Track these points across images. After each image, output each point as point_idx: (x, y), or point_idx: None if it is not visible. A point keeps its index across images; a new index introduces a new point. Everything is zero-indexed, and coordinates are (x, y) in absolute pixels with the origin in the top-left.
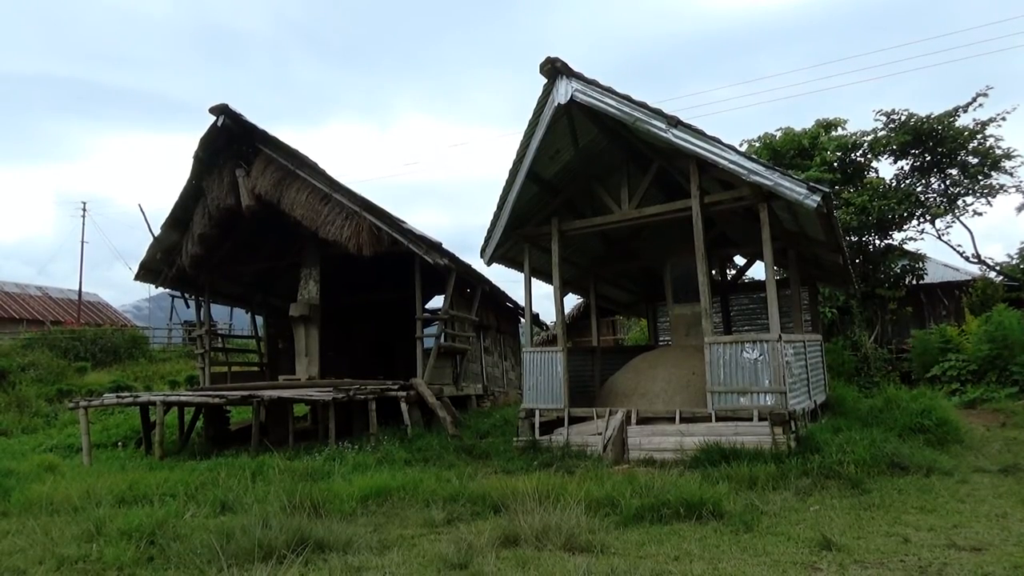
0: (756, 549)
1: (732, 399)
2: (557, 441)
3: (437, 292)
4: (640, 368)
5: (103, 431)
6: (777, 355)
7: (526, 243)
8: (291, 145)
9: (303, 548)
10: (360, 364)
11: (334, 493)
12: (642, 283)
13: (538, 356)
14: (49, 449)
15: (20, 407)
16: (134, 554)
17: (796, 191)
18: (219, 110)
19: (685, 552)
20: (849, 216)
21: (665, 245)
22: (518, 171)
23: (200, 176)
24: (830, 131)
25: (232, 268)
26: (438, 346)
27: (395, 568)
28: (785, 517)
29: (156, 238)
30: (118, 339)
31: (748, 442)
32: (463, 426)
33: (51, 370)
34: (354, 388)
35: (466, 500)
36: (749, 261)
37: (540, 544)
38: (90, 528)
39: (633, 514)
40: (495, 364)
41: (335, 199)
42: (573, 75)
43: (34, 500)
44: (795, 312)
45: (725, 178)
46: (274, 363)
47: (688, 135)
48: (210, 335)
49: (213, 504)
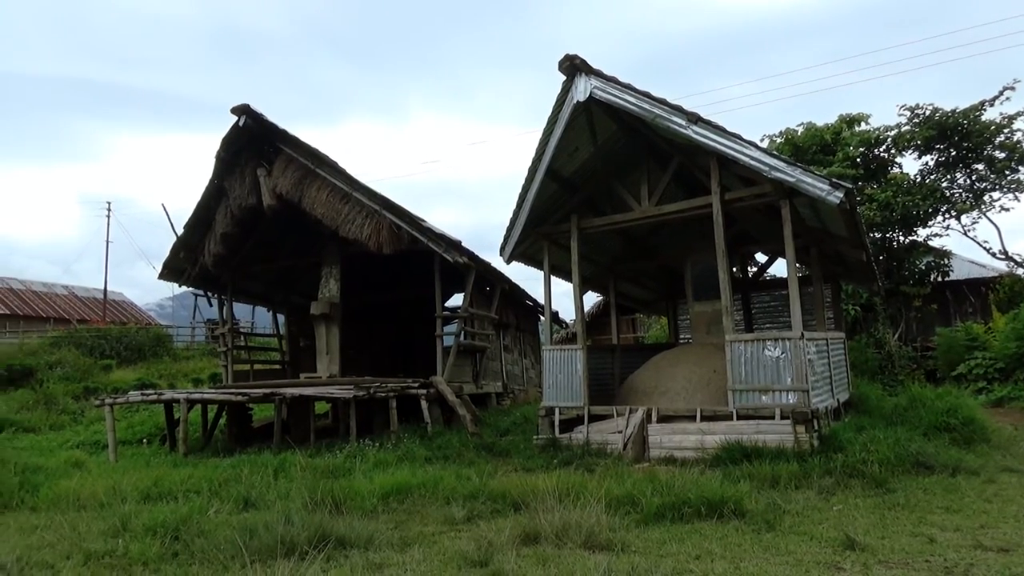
0: (778, 548)
1: (754, 397)
2: (577, 439)
3: (457, 290)
4: (660, 366)
5: (128, 428)
6: (799, 353)
7: (545, 241)
8: (311, 144)
9: (325, 545)
10: (380, 362)
11: (355, 490)
12: (662, 281)
13: (558, 354)
14: (76, 446)
15: (48, 404)
16: (159, 550)
17: (818, 187)
18: (240, 110)
19: (706, 551)
20: (872, 212)
21: (685, 242)
22: (537, 169)
23: (222, 176)
24: (853, 126)
25: (254, 267)
26: (458, 344)
27: (416, 565)
28: (808, 516)
29: (179, 237)
30: (142, 337)
31: (770, 441)
32: (483, 424)
33: (77, 368)
34: (375, 386)
35: (486, 498)
36: (771, 258)
37: (560, 542)
38: (116, 524)
39: (654, 512)
40: (515, 362)
41: (355, 198)
42: (592, 72)
43: (62, 496)
44: (817, 310)
45: (746, 175)
46: (296, 361)
47: (708, 131)
48: (233, 333)
49: (236, 501)
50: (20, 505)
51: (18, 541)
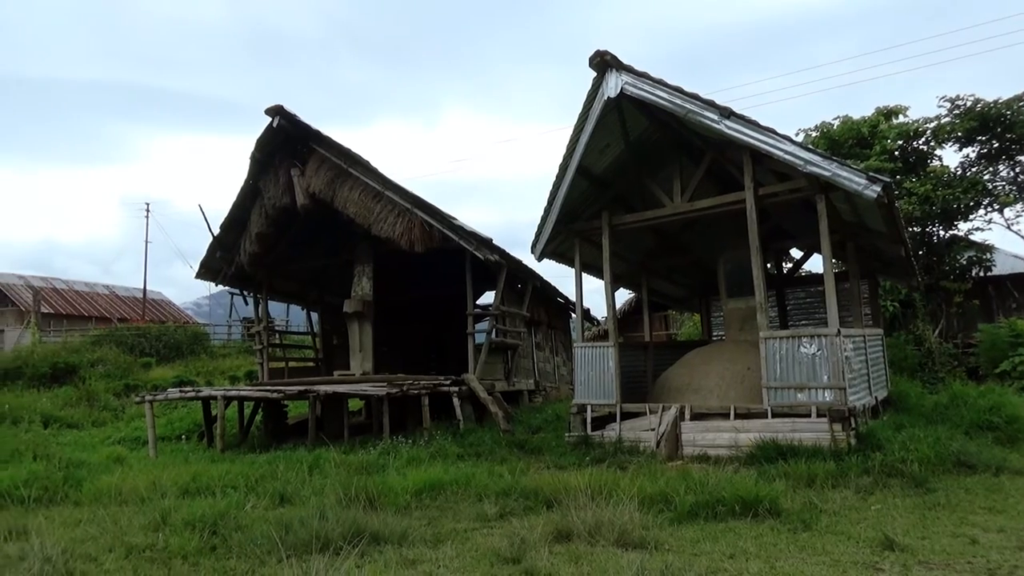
0: (815, 548)
1: (789, 395)
2: (609, 437)
3: (488, 288)
4: (693, 363)
5: (167, 424)
6: (836, 350)
7: (576, 238)
8: (343, 144)
9: (359, 540)
10: (413, 360)
11: (388, 487)
12: (695, 277)
13: (589, 351)
14: (117, 441)
15: (90, 401)
16: (198, 543)
17: (855, 181)
18: (274, 111)
19: (741, 550)
20: (911, 206)
21: (718, 238)
22: (568, 166)
23: (256, 176)
24: (891, 119)
25: (288, 266)
26: (489, 342)
27: (449, 561)
28: (845, 516)
29: (215, 237)
30: (181, 336)
31: (806, 439)
32: (515, 421)
33: (118, 366)
34: (407, 383)
35: (518, 495)
36: (806, 254)
37: (593, 540)
38: (156, 518)
39: (687, 511)
40: (546, 359)
41: (387, 196)
42: (623, 68)
43: (104, 490)
44: (854, 306)
45: (780, 169)
46: (329, 359)
47: (741, 126)
48: (268, 332)
49: (272, 496)
50: (64, 499)
51: (63, 534)
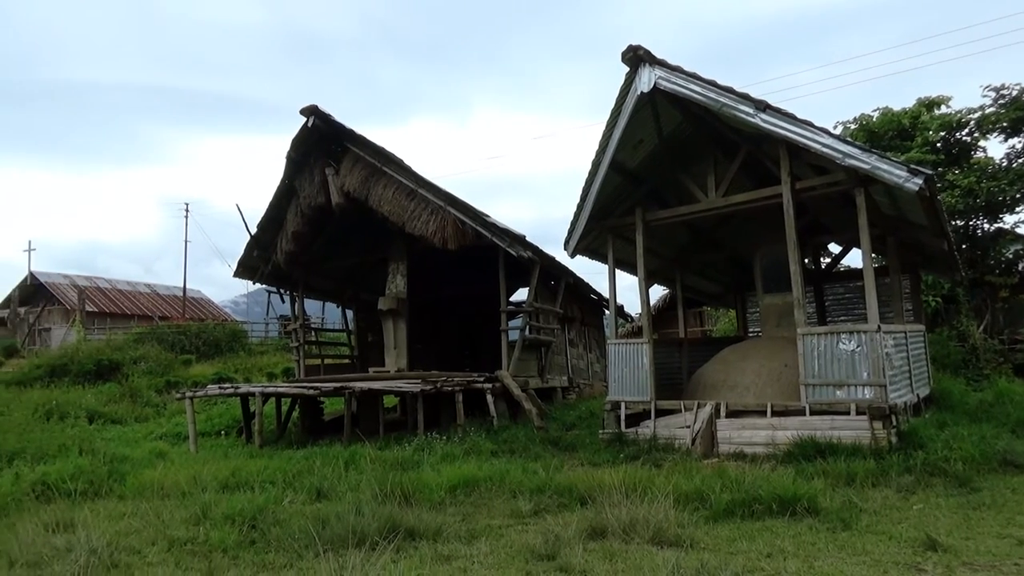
0: (855, 548)
1: (828, 392)
2: (643, 434)
3: (521, 285)
4: (729, 360)
5: (207, 420)
6: (876, 346)
7: (610, 234)
8: (377, 143)
9: (394, 535)
10: (447, 356)
11: (423, 483)
12: (730, 273)
13: (623, 348)
14: (159, 437)
15: (133, 397)
16: (237, 537)
17: (895, 174)
18: (309, 111)
19: (778, 549)
20: (954, 199)
21: (754, 233)
22: (600, 162)
23: (292, 176)
24: (932, 110)
25: (323, 264)
26: (523, 338)
27: (483, 557)
28: (886, 515)
29: (252, 236)
30: (219, 333)
31: (845, 437)
32: (549, 418)
33: (160, 362)
34: (441, 380)
35: (552, 492)
36: (845, 248)
37: (627, 537)
38: (197, 512)
39: (723, 509)
40: (580, 356)
41: (420, 195)
42: (656, 62)
43: (146, 485)
44: (895, 301)
45: (818, 163)
46: (364, 356)
47: (777, 119)
48: (304, 329)
49: (309, 491)
50: (109, 493)
51: (107, 527)
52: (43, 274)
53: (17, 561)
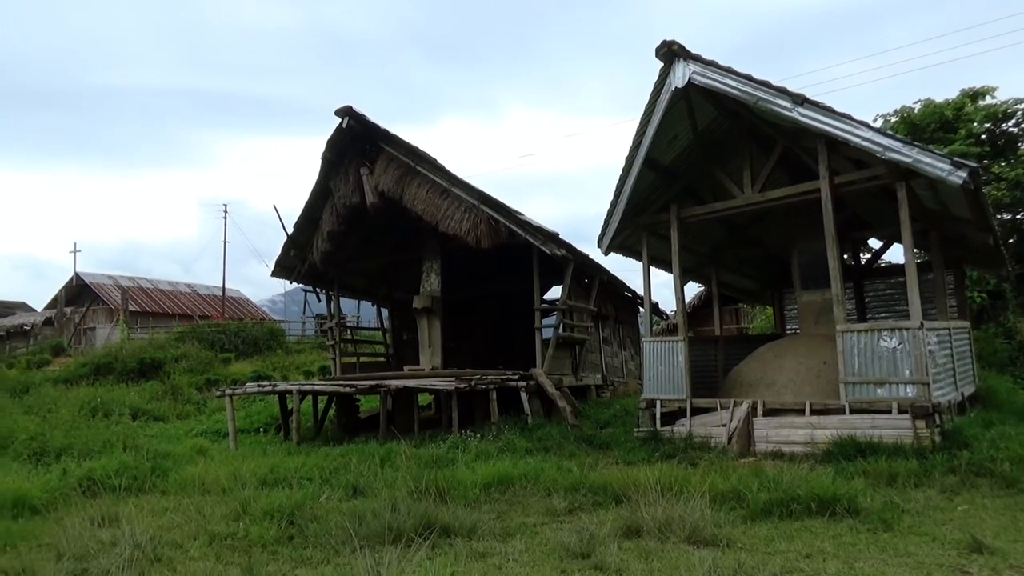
0: (897, 549)
1: (868, 390)
2: (679, 432)
3: (555, 282)
4: (766, 358)
5: (246, 417)
6: (919, 344)
7: (644, 231)
8: (411, 142)
9: (430, 532)
10: (480, 354)
11: (458, 480)
12: (767, 270)
13: (658, 346)
14: (200, 434)
15: (174, 395)
16: (276, 533)
17: (938, 167)
18: (344, 112)
19: (817, 549)
20: (1000, 192)
21: (791, 229)
22: (634, 158)
23: (327, 176)
24: (977, 100)
25: (358, 263)
26: (556, 336)
27: (518, 555)
28: (929, 516)
29: (289, 236)
30: (258, 332)
31: (886, 436)
32: (583, 416)
33: (200, 361)
34: (475, 378)
35: (587, 490)
36: (886, 244)
37: (663, 536)
38: (237, 508)
39: (760, 508)
40: (614, 354)
41: (454, 193)
42: (690, 57)
43: (188, 481)
44: (938, 297)
45: (857, 156)
46: (399, 354)
47: (816, 113)
48: (340, 327)
49: (346, 488)
50: (152, 488)
51: (151, 522)
52: (88, 275)
53: (65, 554)
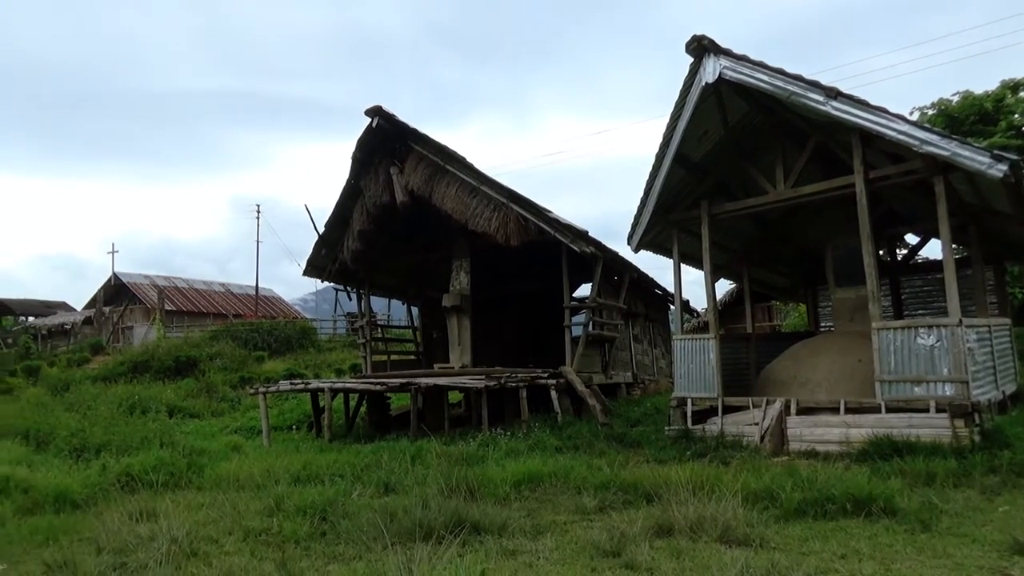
0: (935, 550)
1: (905, 389)
2: (711, 431)
3: (584, 280)
4: (800, 355)
5: (279, 415)
6: (957, 341)
7: (674, 228)
8: (439, 141)
9: (460, 530)
10: (510, 352)
11: (488, 478)
12: (800, 266)
13: (689, 343)
14: (234, 431)
15: (209, 392)
16: (309, 529)
17: (978, 161)
18: (374, 112)
19: (853, 550)
20: None
21: (825, 225)
22: (664, 155)
23: (358, 176)
24: (1018, 92)
25: (389, 262)
26: (586, 334)
27: (549, 553)
28: (969, 517)
29: (320, 236)
30: (290, 330)
31: (924, 435)
32: (613, 414)
33: (234, 359)
34: (505, 376)
35: (617, 488)
36: (923, 239)
37: (695, 535)
38: (271, 504)
39: (794, 508)
40: (644, 352)
41: (483, 191)
42: (721, 52)
43: (223, 477)
44: (978, 294)
45: (893, 150)
46: (429, 352)
47: (849, 107)
48: (370, 326)
49: (377, 485)
50: (188, 484)
51: (187, 517)
52: (125, 275)
53: (105, 548)
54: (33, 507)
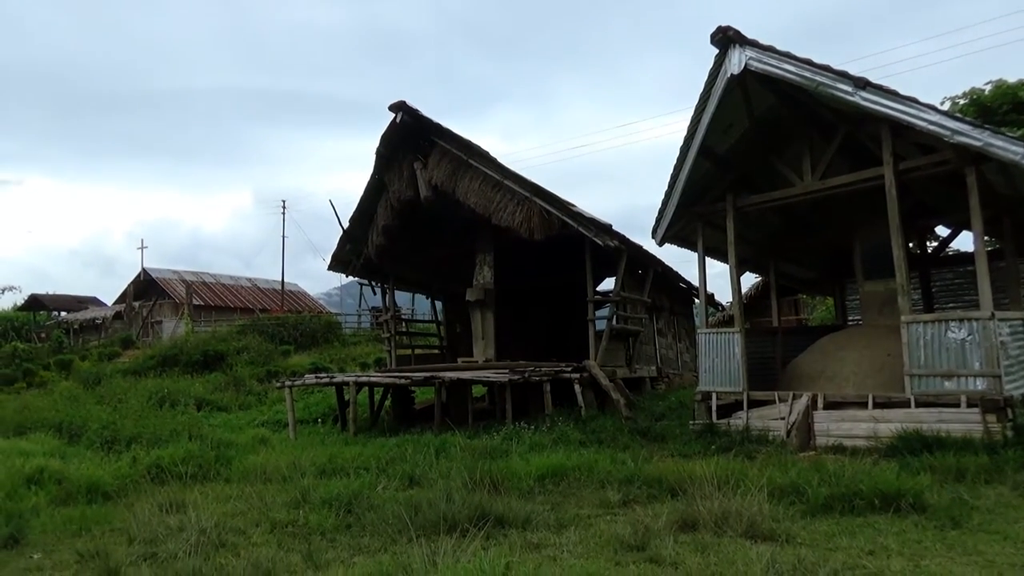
0: (965, 547)
1: (935, 383)
2: (736, 425)
3: (608, 274)
4: (827, 350)
5: (305, 408)
6: (989, 335)
7: (699, 222)
8: (463, 136)
9: (484, 523)
10: (534, 346)
11: (512, 471)
12: (827, 259)
13: (714, 337)
14: (261, 424)
15: (236, 386)
16: (334, 521)
17: (1011, 151)
18: (397, 107)
19: (881, 546)
20: None
21: (853, 217)
22: (689, 148)
23: (382, 171)
24: None
25: (413, 256)
26: (610, 328)
27: (572, 547)
28: (1000, 514)
29: (345, 231)
30: (315, 324)
31: (954, 430)
32: (637, 408)
33: (261, 353)
34: (529, 370)
35: (642, 482)
36: (954, 231)
37: (719, 530)
38: (297, 496)
39: (821, 503)
40: (669, 346)
41: (506, 186)
42: (747, 43)
43: (250, 469)
44: (1012, 287)
45: (923, 141)
46: (453, 346)
47: (879, 97)
48: (395, 320)
49: (402, 478)
50: (216, 476)
51: (215, 509)
52: (154, 270)
53: (135, 538)
54: (66, 498)
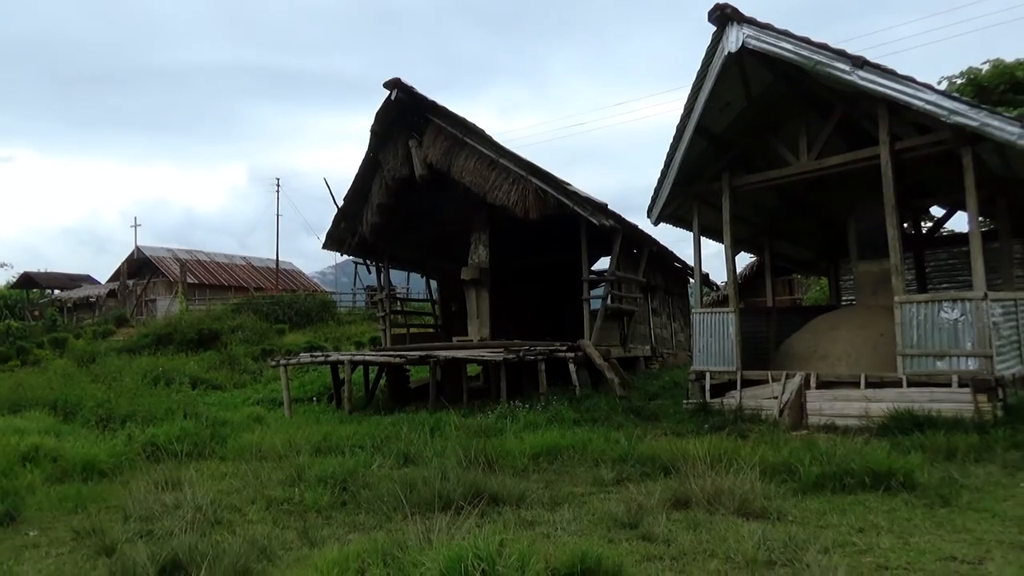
0: (954, 525)
1: (927, 363)
2: (729, 404)
3: (603, 253)
4: (820, 329)
5: (300, 387)
6: (982, 315)
7: (695, 201)
8: (458, 114)
9: (479, 501)
10: (528, 326)
11: (506, 450)
12: (822, 239)
13: (708, 317)
14: (256, 402)
15: (231, 364)
16: (330, 499)
17: (1007, 131)
18: (392, 84)
19: (871, 524)
20: None
21: (849, 197)
22: (685, 126)
23: (376, 149)
24: None
25: (407, 235)
26: (605, 307)
27: (566, 524)
28: (990, 493)
29: (339, 209)
30: (310, 303)
31: (945, 410)
32: (631, 387)
33: (255, 331)
34: (524, 349)
35: (635, 461)
36: (949, 211)
37: (712, 508)
38: (292, 474)
39: (812, 482)
40: (663, 325)
41: (502, 164)
42: (744, 20)
43: (245, 447)
44: (1005, 267)
45: (920, 121)
46: (448, 325)
47: (876, 76)
48: (390, 299)
49: (396, 456)
50: (211, 454)
51: (211, 486)
52: (148, 248)
53: (131, 515)
54: (62, 475)
